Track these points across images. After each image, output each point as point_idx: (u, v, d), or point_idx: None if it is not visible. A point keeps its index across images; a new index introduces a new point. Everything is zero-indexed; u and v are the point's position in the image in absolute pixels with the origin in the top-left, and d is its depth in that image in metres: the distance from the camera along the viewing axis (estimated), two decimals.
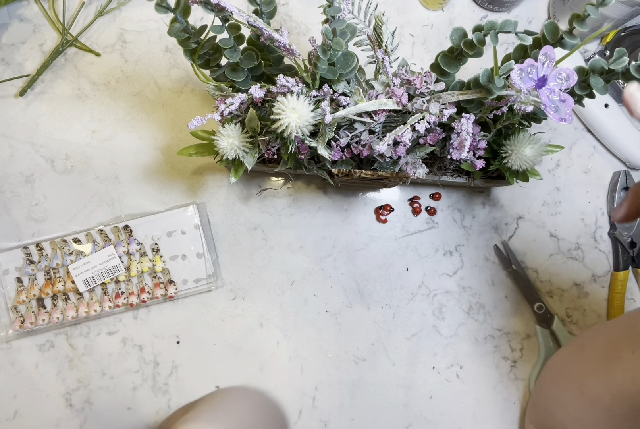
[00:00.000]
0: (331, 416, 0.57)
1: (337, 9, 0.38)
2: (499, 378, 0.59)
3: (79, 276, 0.54)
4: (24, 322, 0.55)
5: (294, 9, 0.61)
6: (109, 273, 0.54)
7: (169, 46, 0.60)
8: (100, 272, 0.54)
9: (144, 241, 0.56)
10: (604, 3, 0.36)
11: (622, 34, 0.61)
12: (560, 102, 0.39)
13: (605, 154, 0.63)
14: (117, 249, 0.55)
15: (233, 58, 0.42)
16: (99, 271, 0.54)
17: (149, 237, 0.56)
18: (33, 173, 0.58)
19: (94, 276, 0.54)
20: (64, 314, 0.55)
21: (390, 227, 0.60)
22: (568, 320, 0.61)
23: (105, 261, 0.54)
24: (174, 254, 0.57)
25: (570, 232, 0.62)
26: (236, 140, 0.44)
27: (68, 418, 0.56)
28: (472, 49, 0.41)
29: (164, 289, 0.56)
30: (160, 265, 0.56)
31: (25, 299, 0.55)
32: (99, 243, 0.56)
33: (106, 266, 0.54)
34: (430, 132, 0.46)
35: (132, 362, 0.57)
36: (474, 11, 0.63)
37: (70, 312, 0.55)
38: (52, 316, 0.55)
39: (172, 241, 0.57)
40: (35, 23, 0.59)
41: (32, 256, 0.55)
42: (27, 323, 0.54)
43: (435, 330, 0.59)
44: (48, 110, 0.58)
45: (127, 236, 0.56)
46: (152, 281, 0.56)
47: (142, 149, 0.59)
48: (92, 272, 0.54)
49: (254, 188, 0.59)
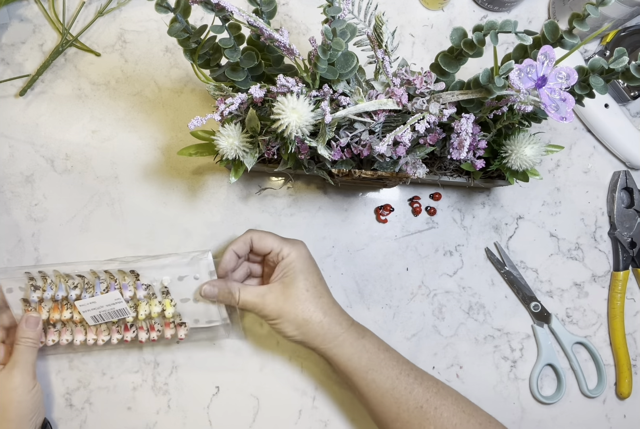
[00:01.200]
0: (331, 416, 0.57)
1: (337, 9, 0.38)
2: (499, 378, 0.59)
3: (86, 312, 0.52)
4: None
5: (294, 9, 0.61)
6: (116, 314, 0.52)
7: (169, 46, 0.60)
8: (108, 312, 0.52)
9: (152, 282, 0.53)
10: (604, 3, 0.36)
11: (622, 34, 0.61)
12: (560, 101, 0.39)
13: (605, 154, 0.63)
14: (123, 292, 0.52)
15: (233, 58, 0.42)
16: (106, 311, 0.52)
17: (158, 281, 0.53)
18: (33, 173, 0.58)
19: (101, 314, 0.52)
20: (74, 336, 0.53)
21: (390, 227, 0.60)
22: (568, 320, 0.61)
23: (112, 304, 0.52)
24: (185, 297, 0.53)
25: (570, 232, 0.62)
26: (236, 140, 0.44)
27: (68, 418, 0.56)
28: (472, 49, 0.41)
29: (174, 329, 0.53)
30: (170, 311, 0.52)
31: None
32: (104, 280, 0.53)
33: (113, 308, 0.52)
34: (430, 132, 0.46)
35: (132, 362, 0.57)
36: (474, 11, 0.63)
37: (79, 337, 0.53)
38: (62, 337, 0.53)
39: (184, 285, 0.53)
40: (35, 23, 0.59)
41: (36, 281, 0.53)
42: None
43: (435, 330, 0.59)
44: (48, 110, 0.58)
45: (134, 280, 0.53)
46: (162, 319, 0.54)
47: (142, 149, 0.59)
48: (100, 311, 0.52)
49: (254, 188, 0.59)
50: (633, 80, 0.39)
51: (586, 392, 0.59)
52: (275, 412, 0.57)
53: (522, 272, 0.61)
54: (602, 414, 0.60)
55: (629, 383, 0.60)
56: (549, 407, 0.59)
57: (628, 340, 0.61)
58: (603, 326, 0.61)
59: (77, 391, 0.56)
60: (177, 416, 0.56)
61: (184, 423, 0.56)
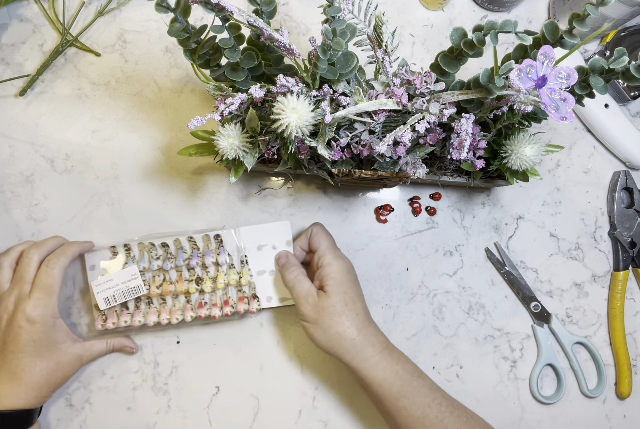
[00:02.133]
0: (331, 416, 0.57)
1: (337, 9, 0.38)
2: (499, 378, 0.59)
3: (100, 293, 0.53)
4: (106, 321, 0.54)
5: (294, 9, 0.61)
6: (130, 293, 0.53)
7: (169, 46, 0.60)
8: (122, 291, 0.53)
9: (232, 252, 0.55)
10: (604, 3, 0.36)
11: (622, 34, 0.61)
12: (560, 101, 0.39)
13: (605, 154, 0.63)
14: (205, 259, 0.54)
15: (233, 58, 0.42)
16: (120, 290, 0.53)
17: (239, 249, 0.55)
18: (33, 173, 0.58)
19: (115, 295, 0.53)
20: (146, 318, 0.54)
21: (390, 227, 0.60)
22: (568, 320, 0.61)
23: (127, 281, 0.53)
24: (261, 268, 0.56)
25: (570, 232, 0.62)
26: (236, 140, 0.44)
27: (68, 418, 0.56)
28: (472, 49, 0.41)
29: (247, 303, 0.54)
30: (246, 278, 0.55)
31: None
32: (186, 250, 0.55)
33: (128, 285, 0.53)
34: (430, 132, 0.46)
35: (132, 362, 0.57)
36: (474, 11, 0.63)
37: (152, 317, 0.54)
38: (134, 318, 0.54)
39: (261, 255, 0.55)
40: (35, 23, 0.59)
41: (118, 256, 0.55)
42: (109, 322, 0.54)
43: (435, 330, 0.59)
44: (48, 110, 0.58)
45: (218, 246, 0.55)
46: (236, 294, 0.55)
47: (142, 149, 0.59)
48: (114, 291, 0.53)
49: (253, 188, 0.59)
50: (633, 80, 0.39)
51: (586, 392, 0.59)
52: (275, 412, 0.57)
53: (522, 272, 0.61)
54: (602, 414, 0.60)
55: (629, 383, 0.60)
56: (549, 407, 0.59)
57: (628, 340, 0.61)
58: (603, 326, 0.61)
59: (77, 391, 0.56)
60: (177, 416, 0.56)
61: (184, 423, 0.56)
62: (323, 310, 0.48)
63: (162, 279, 0.55)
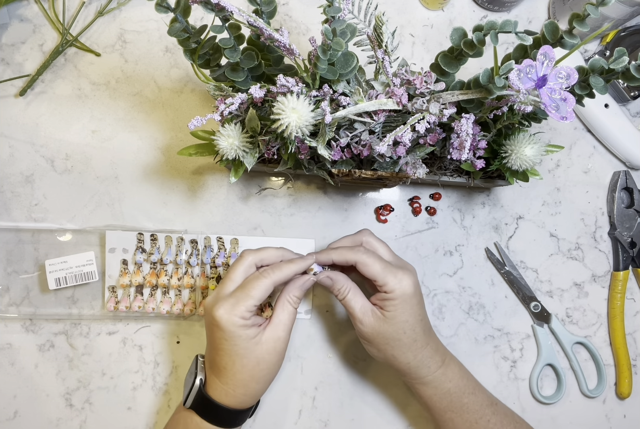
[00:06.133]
0: (331, 416, 0.57)
1: (337, 9, 0.38)
2: (499, 378, 0.59)
3: (52, 273, 0.53)
4: (118, 304, 0.54)
5: (294, 9, 0.61)
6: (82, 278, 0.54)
7: (169, 46, 0.60)
8: (74, 275, 0.54)
9: None
10: (604, 3, 0.36)
11: (622, 34, 0.61)
12: (561, 101, 0.39)
13: (605, 154, 0.63)
14: (230, 260, 0.56)
15: (233, 58, 0.42)
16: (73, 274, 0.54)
17: None
18: (33, 173, 0.58)
19: (66, 277, 0.54)
20: (160, 307, 0.55)
21: (390, 227, 0.60)
22: (568, 320, 0.61)
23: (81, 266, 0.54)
24: None
25: (570, 232, 0.62)
26: (236, 140, 0.44)
27: (68, 418, 0.56)
28: (472, 49, 0.41)
29: (261, 310, 0.55)
30: None
31: (127, 283, 0.54)
32: (213, 249, 0.56)
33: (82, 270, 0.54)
34: (430, 132, 0.46)
35: (132, 362, 0.57)
36: (474, 11, 0.63)
37: (165, 306, 0.55)
38: (148, 305, 0.55)
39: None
40: (35, 23, 0.59)
41: (144, 244, 0.55)
42: (122, 305, 0.54)
43: (435, 330, 0.59)
44: (48, 110, 0.58)
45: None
46: None
47: (142, 149, 0.59)
48: (66, 273, 0.54)
49: (254, 188, 0.59)
50: (633, 80, 0.39)
51: (586, 392, 0.59)
52: (275, 412, 0.57)
53: (522, 272, 0.61)
54: (602, 414, 0.60)
55: (629, 383, 0.60)
56: (549, 407, 0.59)
57: (628, 340, 0.61)
58: (603, 326, 0.61)
59: (77, 391, 0.56)
60: None
61: None
62: (379, 334, 0.47)
63: (184, 272, 0.56)
